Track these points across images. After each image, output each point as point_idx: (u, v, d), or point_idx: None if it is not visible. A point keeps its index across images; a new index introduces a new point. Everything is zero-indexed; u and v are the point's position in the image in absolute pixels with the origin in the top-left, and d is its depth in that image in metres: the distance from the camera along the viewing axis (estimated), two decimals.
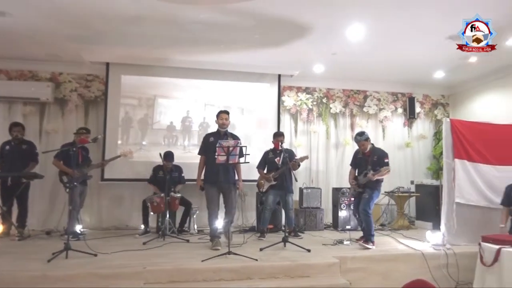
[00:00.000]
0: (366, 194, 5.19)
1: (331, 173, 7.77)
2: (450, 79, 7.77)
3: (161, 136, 6.88)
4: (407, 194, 7.03)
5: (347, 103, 8.04)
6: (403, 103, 8.28)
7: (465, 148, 5.37)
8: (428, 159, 8.26)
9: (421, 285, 1.94)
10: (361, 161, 5.41)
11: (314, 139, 7.81)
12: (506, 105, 6.99)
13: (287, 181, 5.70)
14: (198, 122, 7.02)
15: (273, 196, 5.82)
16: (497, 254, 3.90)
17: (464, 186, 5.29)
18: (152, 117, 6.86)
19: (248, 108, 7.22)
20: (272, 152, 6.01)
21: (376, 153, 5.30)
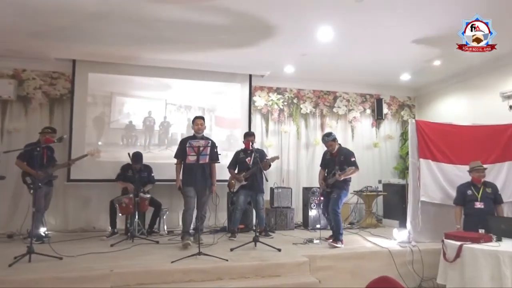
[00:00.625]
0: (334, 194, 5.27)
1: (301, 173, 7.85)
2: (416, 82, 8.02)
3: (119, 135, 6.67)
4: (375, 193, 7.20)
5: (317, 103, 8.15)
6: (371, 104, 8.47)
7: (430, 148, 5.55)
8: (395, 159, 8.49)
9: (385, 282, 1.99)
10: (330, 161, 5.49)
11: (285, 139, 7.87)
12: (466, 107, 7.28)
13: (258, 181, 5.71)
14: (159, 121, 6.88)
15: (244, 196, 5.82)
16: (458, 250, 4.05)
17: (428, 185, 5.47)
18: (109, 116, 6.64)
19: (218, 108, 7.20)
20: (243, 152, 6.01)
21: (342, 153, 5.40)
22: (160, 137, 6.88)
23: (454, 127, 5.79)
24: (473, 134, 5.73)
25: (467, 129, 5.79)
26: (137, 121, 6.79)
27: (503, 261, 3.74)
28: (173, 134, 6.93)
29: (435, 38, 5.55)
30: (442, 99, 7.99)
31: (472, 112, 7.06)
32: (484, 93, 6.86)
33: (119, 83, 6.73)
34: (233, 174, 5.95)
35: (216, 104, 7.18)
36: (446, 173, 5.55)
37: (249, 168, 5.80)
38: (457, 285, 4.06)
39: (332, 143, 5.39)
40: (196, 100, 7.07)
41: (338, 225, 5.21)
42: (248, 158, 5.88)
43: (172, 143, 6.87)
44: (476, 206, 4.96)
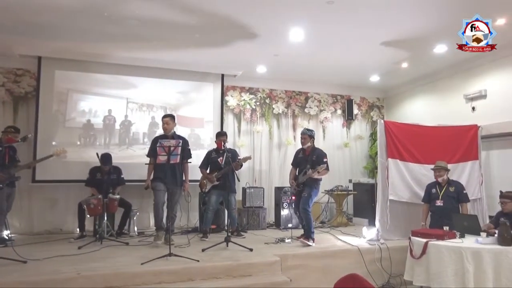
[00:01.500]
0: (305, 193, 5.33)
1: (273, 172, 7.89)
2: (385, 83, 8.22)
3: (76, 135, 6.45)
4: (345, 192, 7.32)
5: (289, 103, 8.21)
6: (342, 104, 8.62)
7: (397, 148, 5.70)
8: (364, 159, 8.67)
9: (352, 280, 2.03)
10: (302, 160, 5.54)
11: (257, 139, 7.89)
12: (433, 108, 7.52)
13: (230, 181, 5.70)
14: (119, 120, 6.73)
15: (216, 196, 5.79)
16: (424, 247, 4.17)
17: (397, 184, 5.61)
18: (64, 114, 6.41)
19: (189, 107, 7.14)
20: (215, 152, 5.98)
21: (315, 153, 5.46)
22: (121, 136, 6.71)
23: (421, 128, 5.97)
24: (439, 135, 5.93)
25: (433, 130, 5.98)
26: (96, 119, 6.57)
27: (466, 257, 3.88)
28: (134, 134, 6.78)
29: (403, 41, 5.71)
30: (410, 101, 8.23)
31: (438, 113, 7.30)
32: (449, 95, 7.11)
33: (86, 81, 6.54)
34: (204, 174, 5.91)
35: (186, 103, 7.11)
36: (413, 172, 5.72)
37: (221, 168, 5.78)
38: (423, 281, 4.18)
39: (307, 138, 5.47)
40: (164, 99, 6.97)
41: (309, 223, 5.26)
42: (220, 158, 5.85)
43: (133, 142, 6.73)
44: (437, 204, 5.13)
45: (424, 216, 5.24)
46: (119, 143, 6.68)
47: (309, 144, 5.50)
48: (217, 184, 5.78)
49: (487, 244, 3.97)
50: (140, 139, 6.81)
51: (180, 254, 4.41)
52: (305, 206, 5.26)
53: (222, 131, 6.28)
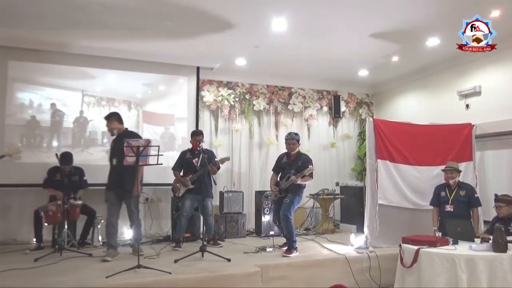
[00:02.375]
0: (287, 199, 5.35)
1: (254, 175, 7.91)
2: (374, 78, 8.34)
3: (17, 134, 6.15)
4: (332, 197, 7.39)
5: (271, 100, 8.24)
6: (328, 101, 8.70)
7: (387, 148, 5.79)
8: (353, 160, 8.77)
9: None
10: (285, 166, 5.56)
11: (236, 138, 7.89)
12: (425, 105, 7.68)
13: (206, 184, 5.68)
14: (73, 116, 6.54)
15: (190, 201, 5.76)
16: (416, 255, 4.24)
17: (386, 187, 5.70)
18: (3, 109, 6.12)
19: (159, 103, 7.09)
20: (189, 152, 5.94)
21: (301, 158, 5.50)
22: (75, 137, 6.49)
23: (412, 127, 6.09)
24: (431, 134, 6.05)
25: (425, 129, 6.10)
26: (43, 116, 6.26)
27: (459, 265, 3.96)
28: (91, 133, 6.58)
29: (393, 33, 5.80)
30: (400, 97, 8.37)
31: (430, 110, 7.46)
32: (442, 91, 7.26)
33: (41, 72, 6.36)
34: (178, 177, 5.87)
35: (155, 98, 7.05)
36: (403, 174, 5.82)
37: (196, 170, 5.75)
38: None
39: (295, 143, 5.52)
40: (128, 92, 6.86)
41: (290, 232, 5.28)
42: (195, 159, 5.82)
43: (89, 143, 6.51)
44: (446, 209, 5.21)
45: (435, 220, 5.31)
46: (73, 144, 6.44)
47: (296, 150, 5.54)
48: (191, 188, 5.74)
49: (481, 251, 4.07)
50: (98, 140, 6.60)
51: (150, 266, 4.37)
52: (286, 212, 5.27)
53: (198, 130, 6.25)
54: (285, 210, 5.28)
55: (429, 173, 5.92)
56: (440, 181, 5.63)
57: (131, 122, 6.76)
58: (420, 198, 5.80)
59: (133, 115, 6.89)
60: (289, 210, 5.29)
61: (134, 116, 6.89)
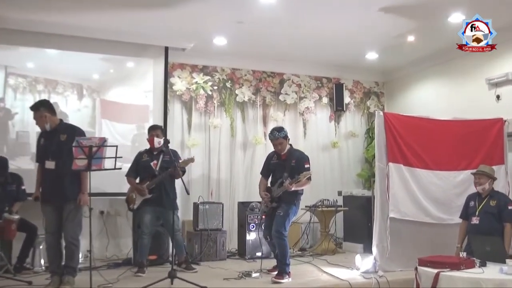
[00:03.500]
0: (280, 211, 5.31)
1: (236, 182, 7.89)
2: (385, 63, 8.38)
3: None
4: (333, 209, 7.39)
5: (259, 88, 8.23)
6: (329, 90, 8.72)
7: (401, 149, 5.81)
8: (359, 163, 8.80)
9: None
10: (276, 167, 5.54)
11: (214, 136, 7.86)
12: (446, 97, 7.74)
13: (168, 192, 5.63)
14: None
15: (150, 215, 5.67)
16: (435, 280, 4.25)
17: (400, 197, 5.72)
18: None
19: (117, 92, 7.05)
20: (146, 153, 5.87)
21: (294, 156, 5.46)
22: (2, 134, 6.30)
23: (431, 122, 6.12)
24: (454, 131, 6.09)
25: (447, 125, 6.15)
26: None
27: None
28: (19, 133, 6.32)
29: (408, 6, 5.83)
30: (417, 86, 8.42)
31: (453, 103, 7.52)
32: (467, 79, 7.33)
33: None
34: (133, 184, 5.80)
35: (110, 86, 7.00)
36: (421, 181, 5.85)
37: (155, 175, 5.68)
38: None
39: (283, 141, 5.44)
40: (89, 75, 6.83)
41: (283, 252, 5.27)
42: (153, 162, 5.73)
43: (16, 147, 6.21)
44: (472, 222, 5.24)
45: (460, 236, 5.33)
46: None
47: (286, 149, 5.51)
48: (149, 198, 5.67)
49: None
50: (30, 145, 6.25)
51: None
52: (280, 228, 5.25)
53: (155, 125, 6.16)
54: (278, 225, 5.25)
55: (452, 180, 5.96)
56: (465, 189, 5.68)
57: (83, 117, 6.66)
58: (441, 210, 5.84)
59: (85, 105, 6.80)
60: (284, 225, 5.27)
61: (87, 109, 6.82)
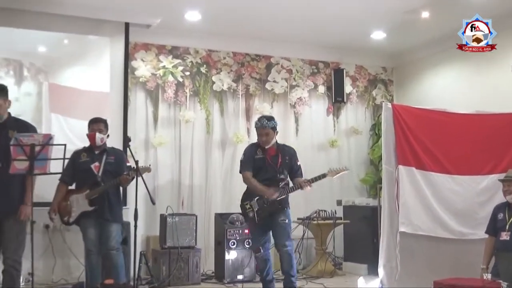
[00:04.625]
0: (283, 217, 5.41)
1: (213, 189, 7.88)
2: (394, 44, 8.42)
3: None
4: (331, 222, 7.41)
5: (240, 75, 8.23)
6: (326, 77, 8.74)
7: (413, 149, 5.83)
8: (362, 166, 8.85)
9: None
10: (262, 164, 5.57)
11: (186, 133, 7.85)
12: (467, 85, 7.81)
13: (111, 202, 5.50)
14: None
15: (94, 229, 5.50)
16: None
17: (412, 206, 5.73)
18: None
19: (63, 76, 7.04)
20: (86, 152, 5.65)
21: (285, 152, 5.58)
22: None
23: (450, 117, 6.15)
24: (477, 128, 6.12)
25: (468, 120, 6.18)
26: None
27: None
28: None
29: None
30: (433, 72, 8.47)
31: (476, 93, 7.59)
32: (492, 64, 7.39)
33: None
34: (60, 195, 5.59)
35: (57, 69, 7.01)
36: (437, 188, 5.87)
37: (97, 182, 5.54)
38: None
39: (270, 133, 5.52)
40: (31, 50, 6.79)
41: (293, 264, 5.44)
42: (95, 164, 5.61)
43: None
44: (501, 238, 5.25)
45: (486, 255, 5.34)
46: None
47: (274, 141, 5.60)
48: (90, 211, 5.51)
49: None
50: None
51: None
52: (290, 238, 5.43)
53: (96, 118, 5.85)
54: (288, 234, 5.42)
55: (474, 186, 5.99)
56: (491, 197, 5.73)
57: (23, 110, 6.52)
58: (462, 223, 5.86)
59: (27, 92, 6.72)
60: (290, 235, 5.47)
61: (29, 98, 6.75)
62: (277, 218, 5.41)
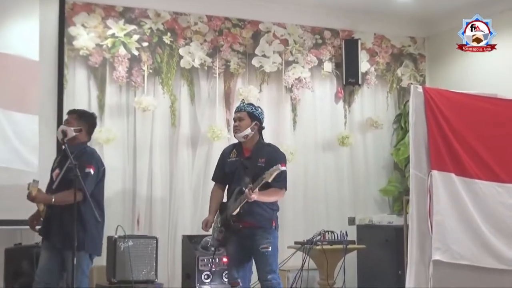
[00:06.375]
0: (265, 243, 5.40)
1: (180, 202, 7.94)
2: (427, 7, 8.52)
3: None
4: (341, 247, 7.43)
5: (218, 47, 8.27)
6: (334, 51, 8.81)
7: (452, 148, 5.87)
8: (383, 172, 8.93)
9: None
10: (235, 167, 5.64)
11: (143, 125, 7.89)
12: None
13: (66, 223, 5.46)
14: None
15: (50, 252, 5.61)
16: None
17: (450, 226, 5.77)
18: None
19: None
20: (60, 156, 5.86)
21: (263, 153, 5.58)
22: None
23: (504, 105, 6.22)
24: None
25: None
26: None
27: None
28: None
29: None
30: None
31: None
32: None
33: None
34: None
35: None
36: (485, 201, 5.93)
37: (53, 190, 5.64)
38: None
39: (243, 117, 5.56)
40: None
41: None
42: (56, 171, 5.69)
43: None
44: None
45: None
46: None
47: (248, 132, 5.58)
48: (40, 228, 5.65)
49: None
50: None
51: None
52: (275, 268, 5.45)
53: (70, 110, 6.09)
54: (270, 264, 5.42)
55: None
56: None
57: None
58: None
59: None
60: (276, 263, 5.48)
61: None
62: (257, 243, 5.44)
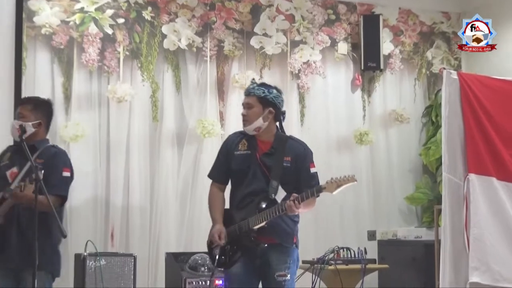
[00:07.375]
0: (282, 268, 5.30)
1: (163, 213, 7.94)
2: None
3: None
4: (360, 267, 7.44)
5: (209, 24, 8.28)
6: (351, 29, 8.81)
7: (495, 148, 5.90)
8: (410, 176, 8.96)
9: None
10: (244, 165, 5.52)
11: (118, 119, 7.90)
12: None
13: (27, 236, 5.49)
14: None
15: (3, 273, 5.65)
16: None
17: (490, 241, 5.81)
18: None
19: None
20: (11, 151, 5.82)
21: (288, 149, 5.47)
22: None
23: None
24: None
25: None
26: None
27: None
28: None
29: None
30: None
31: None
32: None
33: None
34: None
35: None
36: None
37: None
38: None
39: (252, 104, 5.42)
40: None
41: None
42: (13, 169, 5.70)
43: None
44: None
45: None
46: None
47: (260, 124, 5.53)
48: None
49: None
50: None
51: None
52: None
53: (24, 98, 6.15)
54: None
55: None
56: None
57: None
58: None
59: None
60: None
61: None
62: (273, 268, 5.39)
